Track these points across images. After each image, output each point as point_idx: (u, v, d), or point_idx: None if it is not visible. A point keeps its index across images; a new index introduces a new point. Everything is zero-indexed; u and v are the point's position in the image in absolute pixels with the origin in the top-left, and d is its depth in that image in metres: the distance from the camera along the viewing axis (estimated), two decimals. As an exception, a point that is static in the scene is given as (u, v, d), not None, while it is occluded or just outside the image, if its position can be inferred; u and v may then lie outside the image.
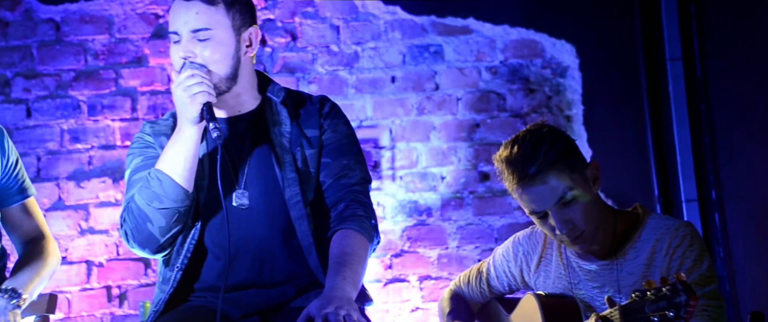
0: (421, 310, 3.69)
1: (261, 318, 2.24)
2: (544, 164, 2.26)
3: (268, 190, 2.26)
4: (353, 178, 2.30)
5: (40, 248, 2.42)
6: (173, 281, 2.23)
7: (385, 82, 3.79)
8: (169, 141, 2.19)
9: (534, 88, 3.83)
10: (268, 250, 2.25)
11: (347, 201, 2.26)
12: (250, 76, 2.31)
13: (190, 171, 2.17)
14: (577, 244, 2.33)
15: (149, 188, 2.16)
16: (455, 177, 3.78)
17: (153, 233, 2.18)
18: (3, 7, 3.67)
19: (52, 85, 3.67)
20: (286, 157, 2.26)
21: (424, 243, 3.74)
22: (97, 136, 3.67)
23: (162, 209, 2.16)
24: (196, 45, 2.18)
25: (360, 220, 2.23)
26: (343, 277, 2.08)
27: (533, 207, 2.30)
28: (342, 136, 2.33)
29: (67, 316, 3.59)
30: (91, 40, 3.70)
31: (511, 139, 2.34)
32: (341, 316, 1.92)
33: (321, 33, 3.78)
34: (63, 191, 3.63)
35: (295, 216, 2.24)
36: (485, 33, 3.82)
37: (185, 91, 2.12)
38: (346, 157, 2.31)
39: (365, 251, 2.21)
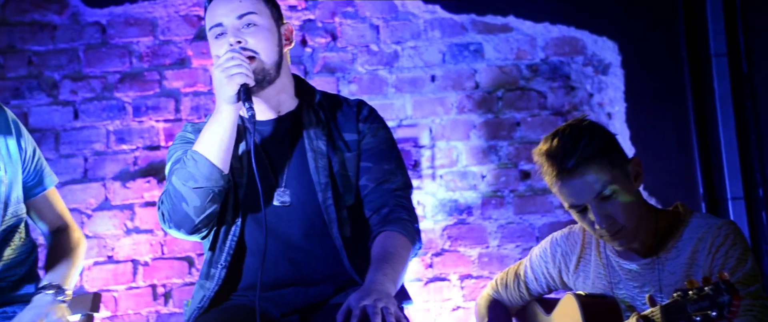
0: (461, 309, 3.69)
1: (300, 317, 2.27)
2: (583, 156, 2.25)
3: (306, 191, 2.28)
4: (395, 183, 2.32)
5: (67, 238, 2.44)
6: (218, 278, 2.26)
7: (424, 81, 3.79)
8: (207, 123, 2.23)
9: (575, 86, 3.80)
10: (305, 249, 2.27)
11: (391, 206, 2.28)
12: (289, 75, 2.35)
13: (225, 152, 2.20)
14: (616, 239, 2.31)
15: (185, 167, 2.20)
16: (495, 176, 3.76)
17: (188, 213, 2.20)
18: (51, 10, 3.73)
19: (98, 87, 3.73)
20: (320, 162, 2.29)
21: (464, 242, 3.73)
22: (141, 137, 3.72)
23: (196, 188, 2.18)
24: (244, 32, 2.23)
25: (404, 223, 2.25)
26: (383, 273, 2.10)
27: (572, 201, 2.29)
28: (382, 140, 2.36)
29: (114, 314, 3.64)
30: (136, 42, 3.75)
31: (551, 133, 2.34)
32: (379, 308, 1.94)
33: (361, 33, 3.79)
34: (109, 191, 3.69)
35: (327, 219, 2.26)
36: (525, 31, 3.80)
37: (224, 71, 2.16)
38: (387, 162, 2.33)
39: (407, 253, 2.22)
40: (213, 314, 2.23)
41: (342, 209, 2.28)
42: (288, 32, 2.31)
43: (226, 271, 2.26)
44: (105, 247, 3.65)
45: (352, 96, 2.89)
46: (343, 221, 2.28)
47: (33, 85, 3.71)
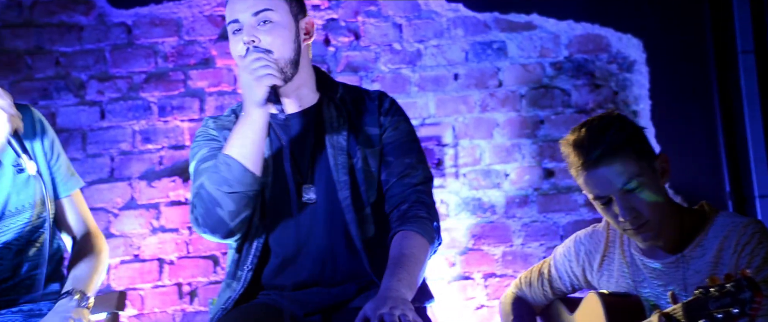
0: (486, 308, 3.68)
1: (323, 317, 2.27)
2: (610, 147, 2.24)
3: (328, 189, 2.28)
4: (416, 177, 2.30)
5: (91, 244, 2.43)
6: (244, 280, 2.26)
7: (447, 79, 3.78)
8: (235, 126, 2.20)
9: (600, 84, 3.78)
10: (329, 248, 2.27)
11: (411, 202, 2.26)
12: (309, 69, 2.32)
13: (257, 155, 2.18)
14: (640, 234, 2.29)
15: (218, 172, 2.17)
16: (519, 174, 3.75)
17: (222, 218, 2.19)
18: (77, 11, 3.77)
19: (124, 87, 3.76)
20: (340, 159, 2.27)
21: (488, 241, 3.73)
22: (167, 136, 3.75)
23: (231, 193, 2.17)
24: (259, 30, 2.19)
25: (422, 221, 2.23)
26: (398, 278, 2.08)
27: (597, 192, 2.28)
28: (403, 134, 2.34)
29: (141, 312, 3.67)
30: (161, 42, 3.78)
31: (579, 124, 2.33)
32: (396, 316, 1.93)
33: (384, 32, 3.79)
34: (135, 190, 3.72)
35: (348, 219, 2.25)
36: (549, 28, 3.79)
37: (251, 73, 2.13)
38: (408, 155, 2.31)
39: (424, 253, 2.20)
40: (236, 313, 2.24)
41: (363, 207, 2.27)
42: (308, 26, 2.28)
43: (252, 273, 2.26)
44: (131, 246, 3.69)
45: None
46: (365, 219, 2.27)
47: (60, 86, 3.75)
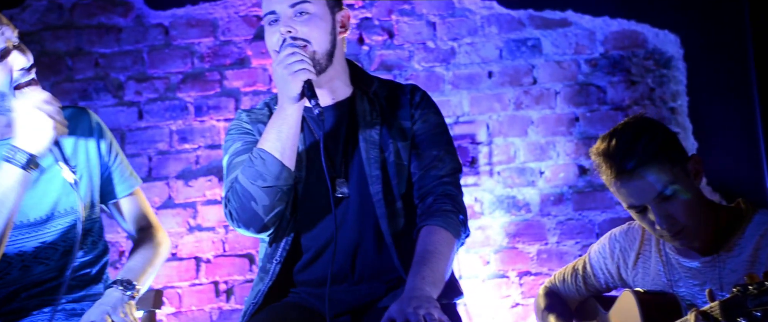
0: (521, 306, 3.67)
1: (352, 318, 2.26)
2: (643, 158, 2.21)
3: (360, 183, 2.27)
4: (443, 169, 2.28)
5: (149, 238, 2.46)
6: (272, 273, 2.26)
7: (481, 77, 3.77)
8: (270, 121, 2.20)
9: (636, 80, 3.75)
10: (359, 243, 2.26)
11: (436, 194, 2.25)
12: (343, 62, 2.32)
13: (291, 149, 2.18)
14: (677, 239, 2.27)
15: (253, 167, 2.18)
16: (554, 172, 3.73)
17: (257, 212, 2.19)
18: (116, 13, 3.82)
19: (161, 88, 3.81)
20: (372, 153, 2.27)
21: (523, 239, 3.71)
22: (203, 136, 3.78)
23: (266, 188, 2.17)
24: (296, 21, 2.19)
25: (446, 215, 2.21)
26: (421, 277, 2.07)
27: (631, 201, 2.26)
28: (432, 126, 2.33)
29: (179, 310, 3.71)
30: (197, 43, 3.81)
31: (608, 132, 2.30)
32: (421, 315, 1.92)
33: (417, 30, 3.79)
34: (173, 189, 3.76)
35: (379, 213, 2.25)
36: (584, 25, 3.76)
37: (286, 68, 2.13)
38: (436, 147, 2.30)
39: (449, 248, 2.18)
40: (267, 313, 2.24)
41: (394, 201, 2.26)
42: (344, 19, 2.28)
43: (280, 266, 2.26)
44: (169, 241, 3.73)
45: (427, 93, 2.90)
46: (396, 213, 2.26)
47: (99, 87, 3.80)
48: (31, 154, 2.07)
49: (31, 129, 2.06)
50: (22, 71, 2.11)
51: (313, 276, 2.28)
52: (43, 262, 2.25)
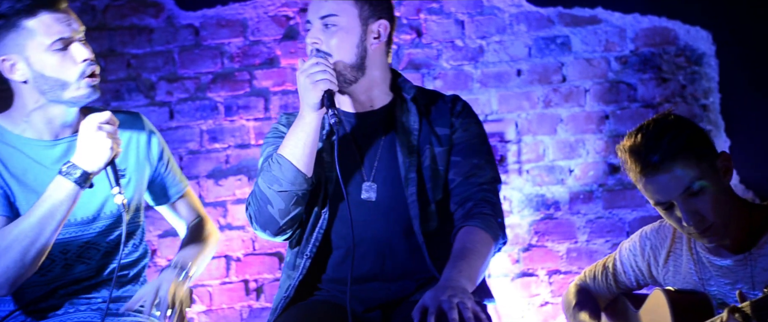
0: (550, 305, 3.66)
1: (382, 313, 2.29)
2: (668, 152, 2.19)
3: (394, 186, 2.31)
4: (483, 177, 2.31)
5: (201, 228, 2.53)
6: (303, 268, 2.30)
7: (510, 75, 3.76)
8: (291, 127, 2.26)
9: (667, 77, 3.71)
10: (390, 244, 2.29)
11: (476, 200, 2.27)
12: (382, 72, 2.35)
13: (309, 156, 2.24)
14: (706, 237, 2.25)
15: (270, 171, 2.25)
16: (584, 170, 3.71)
17: (273, 216, 2.25)
18: (148, 14, 3.86)
19: (191, 88, 3.84)
20: (410, 157, 2.30)
21: (552, 237, 3.70)
22: (233, 135, 3.81)
23: (281, 192, 2.23)
24: (324, 32, 2.26)
25: (486, 218, 2.24)
26: (458, 270, 2.10)
27: (658, 198, 2.24)
28: (473, 135, 2.36)
29: (209, 308, 3.75)
30: (227, 43, 3.84)
31: (635, 129, 2.28)
32: (455, 303, 1.94)
33: (446, 28, 3.79)
34: (203, 188, 3.80)
35: (412, 215, 2.27)
36: (614, 22, 3.74)
37: (308, 77, 2.19)
38: (476, 156, 2.33)
39: (487, 249, 2.21)
40: (296, 310, 2.27)
41: (428, 204, 2.29)
42: (381, 28, 2.31)
43: (310, 262, 2.30)
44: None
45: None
46: (429, 216, 2.29)
47: (131, 87, 3.84)
48: (87, 171, 2.13)
49: (90, 148, 2.12)
50: (86, 63, 2.17)
51: (343, 274, 2.29)
52: (85, 261, 2.29)
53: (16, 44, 2.16)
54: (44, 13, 2.15)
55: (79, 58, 2.17)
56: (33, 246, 2.10)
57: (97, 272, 2.32)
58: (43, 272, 2.22)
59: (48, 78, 2.18)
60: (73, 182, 2.12)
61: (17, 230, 2.10)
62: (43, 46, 2.15)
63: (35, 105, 2.22)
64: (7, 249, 2.09)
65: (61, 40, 2.16)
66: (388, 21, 2.32)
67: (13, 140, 2.23)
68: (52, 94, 2.20)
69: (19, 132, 2.24)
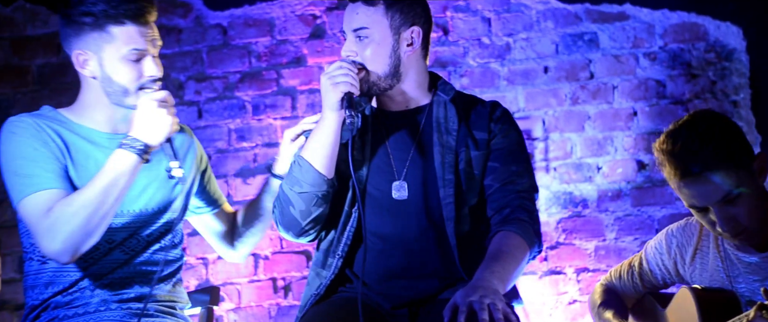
0: (578, 303, 3.64)
1: (409, 311, 2.29)
2: (710, 162, 2.16)
3: (427, 186, 2.31)
4: (521, 185, 2.31)
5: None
6: (334, 267, 2.31)
7: (537, 72, 3.75)
8: (313, 129, 2.30)
9: (696, 74, 3.68)
10: (419, 243, 2.29)
11: (513, 207, 2.28)
12: (418, 76, 2.37)
13: (329, 158, 2.26)
14: (737, 239, 2.24)
15: (291, 172, 2.28)
16: (612, 167, 3.69)
17: (294, 217, 2.28)
18: (176, 15, 3.89)
19: (220, 87, 3.87)
20: (447, 158, 2.31)
21: (580, 235, 3.68)
22: (260, 134, 3.83)
23: (301, 193, 2.26)
24: (357, 44, 2.30)
25: (522, 224, 2.25)
26: (491, 271, 2.10)
27: (694, 202, 2.22)
28: (513, 142, 2.36)
29: (238, 306, 3.77)
30: (255, 42, 3.87)
31: (674, 129, 2.23)
32: (486, 304, 1.94)
33: (472, 26, 3.78)
34: (231, 187, 3.82)
35: (446, 216, 2.28)
36: (643, 18, 3.71)
37: (330, 79, 2.23)
38: (515, 163, 2.33)
39: (522, 254, 2.21)
40: (323, 308, 2.28)
41: (462, 206, 2.30)
42: (414, 35, 2.32)
43: (342, 261, 2.31)
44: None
45: (463, 90, 2.90)
46: (462, 219, 2.29)
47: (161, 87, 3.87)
48: (147, 144, 2.21)
49: (150, 122, 2.21)
50: (151, 79, 2.27)
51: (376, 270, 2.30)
52: (125, 251, 2.34)
53: (95, 43, 2.26)
54: (130, 25, 2.25)
55: (146, 73, 2.27)
56: (96, 214, 2.17)
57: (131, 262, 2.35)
58: (85, 257, 2.27)
59: (114, 82, 2.27)
60: (134, 153, 2.20)
61: (82, 198, 2.18)
62: (118, 53, 2.25)
63: (99, 101, 2.32)
64: (73, 215, 2.16)
65: (137, 51, 2.25)
66: (421, 27, 2.34)
67: (77, 129, 2.32)
68: (115, 98, 2.29)
69: (81, 122, 2.34)
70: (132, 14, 2.25)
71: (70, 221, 2.16)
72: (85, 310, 2.31)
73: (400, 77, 2.32)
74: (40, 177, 2.22)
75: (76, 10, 2.26)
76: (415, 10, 2.34)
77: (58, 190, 2.22)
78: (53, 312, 2.31)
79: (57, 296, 2.31)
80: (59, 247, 2.17)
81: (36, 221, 2.19)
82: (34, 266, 2.34)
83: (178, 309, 2.43)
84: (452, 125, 2.34)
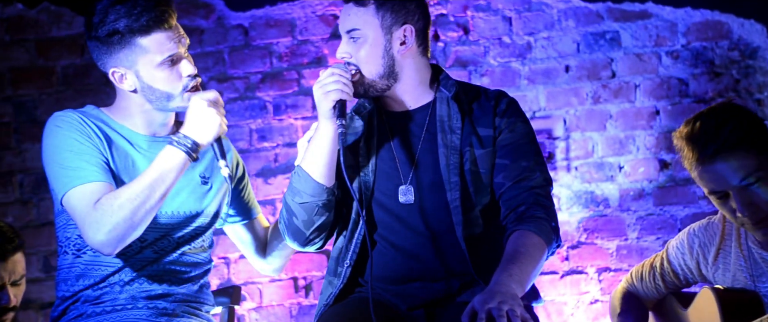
0: (600, 302, 3.62)
1: (426, 312, 2.27)
2: (727, 142, 2.15)
3: (434, 188, 2.28)
4: (534, 180, 2.26)
5: None
6: (344, 276, 2.30)
7: (558, 71, 3.74)
8: (311, 138, 2.29)
9: (719, 72, 3.66)
10: (431, 246, 2.27)
11: (528, 204, 2.23)
12: (417, 74, 2.32)
13: (327, 167, 2.25)
14: (759, 229, 2.21)
15: (292, 183, 2.29)
16: (634, 166, 3.67)
17: (298, 227, 2.29)
18: (198, 15, 3.92)
19: (241, 88, 3.89)
20: (452, 158, 2.27)
21: (601, 234, 3.66)
22: (281, 134, 3.85)
23: (302, 204, 2.26)
24: (351, 45, 2.28)
25: (539, 222, 2.20)
26: (509, 274, 2.06)
27: (712, 187, 2.20)
28: (520, 136, 2.30)
29: (259, 306, 3.79)
30: (276, 43, 3.88)
31: (694, 116, 2.24)
32: (504, 311, 1.91)
33: (493, 25, 3.78)
34: (253, 187, 3.83)
35: (455, 220, 2.24)
36: (665, 16, 3.69)
37: (321, 88, 2.22)
38: (525, 158, 2.28)
39: (540, 253, 2.17)
40: (338, 309, 2.27)
41: (471, 209, 2.26)
42: (407, 33, 2.29)
43: (351, 269, 2.29)
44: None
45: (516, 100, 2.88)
46: (472, 221, 2.25)
47: (203, 84, 3.90)
48: (196, 142, 2.25)
49: (200, 121, 2.25)
50: (189, 77, 2.30)
51: (388, 273, 2.29)
52: (156, 251, 2.36)
53: (127, 59, 2.29)
54: (157, 32, 2.27)
55: (184, 74, 2.29)
56: (142, 208, 2.21)
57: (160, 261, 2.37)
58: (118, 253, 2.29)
59: (155, 90, 2.31)
60: (183, 151, 2.23)
61: (129, 191, 2.21)
62: (153, 62, 2.28)
63: (140, 109, 2.36)
64: (119, 208, 2.20)
65: (170, 56, 2.28)
66: (414, 24, 2.29)
67: (118, 128, 2.36)
68: (159, 104, 2.33)
69: (123, 123, 2.38)
70: (156, 22, 2.26)
71: (116, 213, 2.19)
72: (113, 307, 2.33)
73: (397, 77, 2.29)
74: (86, 170, 2.25)
75: (101, 31, 2.28)
76: (408, 8, 2.30)
77: (103, 183, 2.25)
78: (82, 307, 2.34)
79: (87, 290, 2.34)
80: (104, 238, 2.20)
81: (83, 213, 2.22)
82: (68, 259, 2.36)
83: (204, 311, 2.44)
84: (456, 123, 2.30)
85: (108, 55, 2.30)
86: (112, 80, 2.34)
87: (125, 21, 2.25)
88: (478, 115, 2.32)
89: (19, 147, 3.86)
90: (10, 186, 3.87)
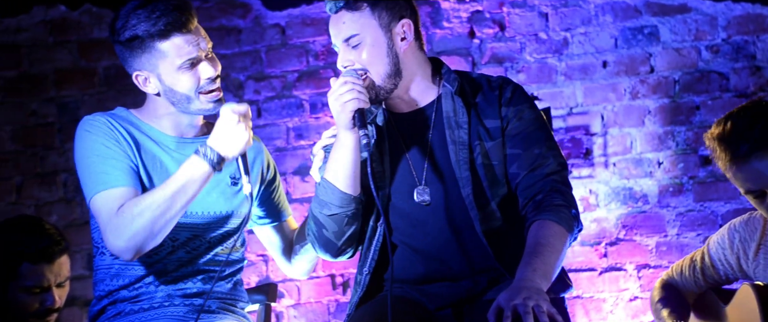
0: (639, 299, 3.59)
1: (453, 311, 2.25)
2: (759, 141, 2.14)
3: (448, 187, 2.26)
4: (548, 166, 2.23)
5: None
6: (363, 284, 2.29)
7: (596, 67, 3.71)
8: (332, 149, 2.26)
9: (761, 66, 3.60)
10: (452, 245, 2.25)
11: (545, 192, 2.19)
12: (418, 68, 2.30)
13: (352, 177, 2.22)
14: None
15: (318, 195, 2.26)
16: (673, 162, 3.64)
17: (329, 239, 2.27)
18: (236, 15, 3.95)
19: (278, 86, 3.92)
20: (461, 154, 2.24)
21: (640, 231, 3.63)
22: (318, 133, 3.86)
23: (331, 216, 2.24)
24: (351, 52, 2.24)
25: (558, 210, 2.16)
26: (533, 268, 2.04)
27: (749, 186, 2.19)
28: (529, 123, 2.26)
29: (297, 303, 3.82)
30: (312, 41, 3.90)
31: (724, 116, 2.24)
32: (530, 306, 1.90)
33: (529, 21, 3.76)
34: (290, 185, 3.87)
35: (472, 216, 2.22)
36: (705, 10, 3.64)
37: (337, 100, 2.18)
38: (537, 145, 2.24)
39: (562, 242, 2.14)
40: (373, 305, 2.26)
41: (487, 203, 2.23)
42: (405, 28, 2.26)
43: (370, 277, 2.29)
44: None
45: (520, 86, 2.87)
46: (489, 215, 2.23)
47: (221, 87, 3.93)
48: (222, 156, 2.24)
49: (228, 135, 2.23)
50: (208, 80, 2.30)
51: (412, 275, 2.28)
52: (189, 251, 2.38)
53: (148, 62, 2.30)
54: (177, 36, 2.27)
55: (204, 76, 2.29)
56: (162, 217, 2.21)
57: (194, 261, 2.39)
58: (150, 254, 2.31)
59: (177, 93, 2.31)
60: (207, 163, 2.22)
61: (150, 199, 2.22)
62: (174, 66, 2.28)
63: (166, 111, 2.37)
64: (139, 215, 2.20)
65: (190, 59, 2.27)
66: (409, 17, 2.27)
67: (147, 130, 2.37)
68: (181, 106, 2.33)
69: (151, 124, 2.39)
70: (174, 26, 2.26)
71: (135, 221, 2.20)
72: (150, 305, 2.36)
73: (402, 74, 2.25)
74: (111, 175, 2.27)
75: (123, 36, 2.29)
76: (399, 2, 2.27)
77: (128, 188, 2.26)
78: (120, 305, 2.37)
79: (122, 290, 2.36)
80: (123, 245, 2.21)
81: (106, 218, 2.24)
82: (105, 260, 2.39)
83: (239, 307, 2.46)
84: (462, 118, 2.26)
85: (131, 59, 2.31)
86: (136, 83, 2.35)
87: (145, 25, 2.25)
88: (484, 107, 2.28)
89: (63, 147, 3.93)
90: (55, 185, 3.94)
